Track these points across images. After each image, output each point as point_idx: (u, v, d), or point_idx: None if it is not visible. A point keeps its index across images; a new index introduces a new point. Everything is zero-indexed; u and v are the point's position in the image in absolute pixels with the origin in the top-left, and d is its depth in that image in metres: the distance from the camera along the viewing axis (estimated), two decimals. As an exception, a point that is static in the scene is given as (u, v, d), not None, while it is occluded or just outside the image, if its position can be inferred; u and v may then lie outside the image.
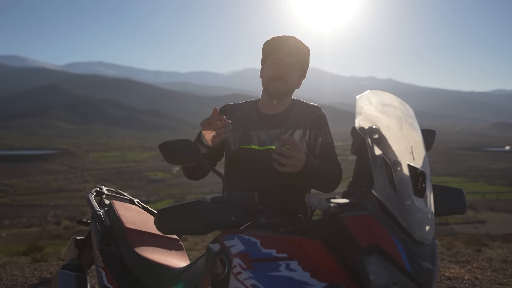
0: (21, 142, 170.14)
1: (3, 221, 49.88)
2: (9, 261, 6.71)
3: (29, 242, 10.40)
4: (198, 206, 1.53)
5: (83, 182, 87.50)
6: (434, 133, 1.85)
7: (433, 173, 26.56)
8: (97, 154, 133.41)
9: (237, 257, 1.45)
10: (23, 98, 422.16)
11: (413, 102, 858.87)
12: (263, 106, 2.35)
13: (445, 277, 5.07)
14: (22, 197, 72.12)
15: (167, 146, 1.75)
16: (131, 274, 2.27)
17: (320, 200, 1.31)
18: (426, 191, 1.39)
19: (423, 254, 1.29)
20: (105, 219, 2.51)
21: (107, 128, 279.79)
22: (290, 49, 2.22)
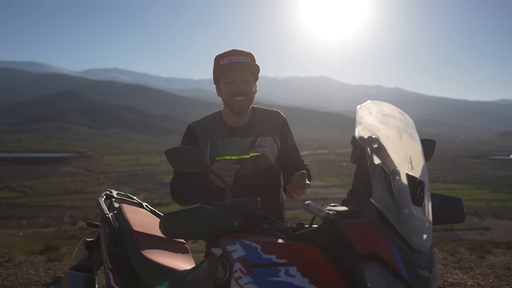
0: (40, 145, 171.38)
1: (22, 221, 50.24)
2: (25, 260, 6.75)
3: (45, 242, 10.45)
4: (202, 211, 1.54)
5: (99, 184, 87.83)
6: (434, 143, 1.86)
7: (439, 180, 26.35)
8: (112, 157, 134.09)
9: (238, 262, 1.44)
10: (42, 103, 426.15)
11: (420, 110, 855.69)
12: (228, 119, 2.43)
13: (448, 283, 5.02)
14: (40, 198, 72.60)
15: (173, 152, 1.76)
16: (138, 276, 2.27)
17: (319, 208, 1.31)
18: (425, 200, 1.39)
19: (420, 262, 1.28)
20: (113, 222, 2.51)
21: (122, 132, 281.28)
22: (238, 65, 2.28)
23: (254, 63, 2.35)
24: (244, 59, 2.31)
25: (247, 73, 2.34)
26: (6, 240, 12.39)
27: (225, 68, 2.31)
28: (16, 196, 74.98)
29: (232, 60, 2.30)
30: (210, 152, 2.37)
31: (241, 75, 2.31)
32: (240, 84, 2.32)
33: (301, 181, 2.14)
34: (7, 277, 5.46)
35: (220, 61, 2.34)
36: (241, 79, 2.31)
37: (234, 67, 2.29)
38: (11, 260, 6.66)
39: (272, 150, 2.42)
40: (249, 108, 2.41)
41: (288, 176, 2.42)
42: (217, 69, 2.36)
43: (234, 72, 2.31)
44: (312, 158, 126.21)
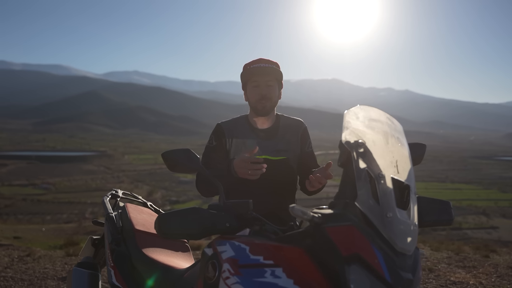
0: (63, 144, 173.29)
1: (46, 216, 50.72)
2: (44, 255, 6.81)
3: (66, 237, 10.53)
4: (195, 212, 1.53)
5: (119, 182, 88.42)
6: (425, 147, 1.83)
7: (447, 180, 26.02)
8: (131, 156, 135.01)
9: (226, 262, 1.44)
10: (65, 104, 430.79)
11: (429, 112, 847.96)
12: (254, 122, 2.51)
13: (450, 282, 4.95)
14: (63, 195, 73.29)
15: (169, 155, 1.75)
16: (138, 273, 2.27)
17: (303, 210, 1.30)
18: (410, 203, 1.37)
19: (403, 264, 1.27)
20: (117, 221, 2.51)
21: (141, 132, 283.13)
22: (264, 70, 2.37)
23: (274, 64, 2.44)
24: (269, 66, 2.41)
25: (271, 78, 2.42)
26: (29, 235, 12.49)
27: (251, 72, 2.40)
28: (40, 192, 75.76)
29: (258, 66, 2.40)
30: (235, 150, 2.44)
31: (265, 80, 2.40)
32: (264, 88, 2.40)
33: (326, 171, 2.17)
34: (25, 271, 5.51)
35: (248, 67, 2.44)
36: (265, 84, 2.40)
37: (259, 71, 2.39)
38: (31, 254, 6.72)
39: (294, 155, 2.50)
40: (272, 111, 2.48)
41: (304, 179, 2.47)
42: (244, 74, 2.45)
43: (259, 76, 2.39)
44: (324, 158, 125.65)
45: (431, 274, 5.28)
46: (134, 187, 78.05)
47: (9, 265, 5.89)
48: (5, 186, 79.73)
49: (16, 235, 11.35)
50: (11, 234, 11.60)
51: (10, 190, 74.85)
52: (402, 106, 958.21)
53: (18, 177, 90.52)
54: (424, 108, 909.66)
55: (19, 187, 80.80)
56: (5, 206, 59.68)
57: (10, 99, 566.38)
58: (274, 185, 2.36)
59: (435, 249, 7.13)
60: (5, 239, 9.87)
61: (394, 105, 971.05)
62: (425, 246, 7.51)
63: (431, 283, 4.92)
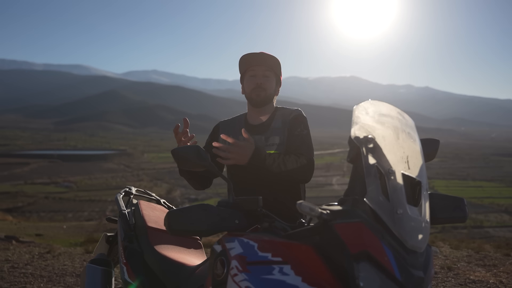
0: (84, 143, 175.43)
1: (67, 214, 51.50)
2: (64, 252, 6.91)
3: (86, 234, 10.67)
4: (204, 209, 1.53)
5: (138, 180, 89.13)
6: (438, 143, 1.79)
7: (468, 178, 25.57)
8: (151, 155, 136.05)
9: (235, 259, 1.43)
10: (86, 104, 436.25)
11: (450, 109, 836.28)
12: (251, 117, 2.47)
13: (470, 280, 4.86)
14: (84, 193, 74.17)
15: (178, 152, 1.75)
16: (150, 270, 2.27)
17: (311, 207, 1.28)
18: (421, 200, 1.35)
19: (414, 262, 1.25)
20: (130, 218, 2.52)
21: (160, 131, 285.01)
22: (262, 59, 2.33)
23: (274, 57, 2.39)
24: (267, 54, 2.38)
25: (269, 69, 2.39)
26: (50, 232, 12.69)
27: (249, 60, 2.38)
28: (62, 191, 76.79)
29: (256, 55, 2.38)
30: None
31: (262, 70, 2.37)
32: (261, 77, 2.37)
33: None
34: (45, 268, 5.60)
35: (247, 55, 2.41)
36: (262, 74, 2.37)
37: (257, 59, 2.37)
38: (51, 251, 6.83)
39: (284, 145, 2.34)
40: (268, 103, 2.42)
41: None
42: (242, 63, 2.43)
43: (257, 66, 2.37)
44: (342, 156, 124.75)
45: (450, 273, 5.20)
46: (154, 185, 78.71)
47: (29, 261, 5.99)
48: (28, 184, 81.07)
49: (38, 233, 11.55)
50: (33, 232, 11.81)
51: (33, 189, 76.11)
52: (422, 103, 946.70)
53: (41, 175, 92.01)
54: (445, 105, 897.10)
55: (42, 185, 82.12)
56: (28, 204, 60.75)
57: (32, 99, 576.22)
58: (269, 180, 2.23)
59: (455, 248, 7.02)
60: (27, 236, 10.04)
61: (414, 102, 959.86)
62: (444, 244, 7.40)
63: (450, 282, 4.85)
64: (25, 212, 47.62)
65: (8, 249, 7.00)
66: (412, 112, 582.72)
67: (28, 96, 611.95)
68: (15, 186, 77.95)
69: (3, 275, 5.19)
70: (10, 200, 62.61)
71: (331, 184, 79.50)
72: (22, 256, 6.39)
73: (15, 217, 21.83)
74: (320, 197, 56.99)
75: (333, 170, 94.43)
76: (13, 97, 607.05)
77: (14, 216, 23.69)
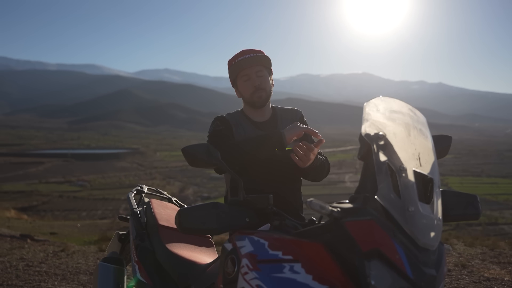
0: (97, 142, 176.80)
1: (81, 213, 51.91)
2: (78, 250, 6.97)
3: (100, 233, 10.76)
4: (214, 207, 1.53)
5: (151, 178, 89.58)
6: (450, 139, 1.77)
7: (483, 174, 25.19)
8: (163, 153, 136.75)
9: (245, 257, 1.43)
10: (99, 103, 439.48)
11: (463, 105, 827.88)
12: (252, 115, 2.43)
13: (484, 278, 4.81)
14: (97, 191, 74.70)
15: (189, 150, 1.76)
16: (162, 268, 2.28)
17: (322, 205, 1.26)
18: (433, 197, 1.33)
19: (426, 260, 1.23)
20: (141, 216, 2.53)
21: (172, 129, 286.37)
22: (251, 60, 2.29)
23: (261, 54, 2.35)
24: (255, 55, 2.33)
25: (261, 68, 2.35)
26: (65, 231, 12.81)
27: (238, 66, 2.32)
28: (76, 189, 77.44)
29: (243, 58, 2.32)
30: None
31: (255, 70, 2.32)
32: (256, 79, 2.33)
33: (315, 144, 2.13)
34: (59, 266, 5.66)
35: (233, 62, 2.36)
36: (256, 75, 2.33)
37: (246, 63, 2.31)
38: (65, 249, 6.90)
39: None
40: (268, 101, 2.41)
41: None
42: (231, 70, 2.38)
43: (248, 68, 2.31)
44: (355, 153, 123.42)
45: (464, 270, 5.15)
46: (166, 184, 79.09)
47: (43, 260, 6.06)
48: (42, 183, 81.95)
49: (53, 231, 11.68)
50: (48, 230, 11.93)
51: (47, 187, 76.95)
52: (435, 99, 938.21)
53: (55, 174, 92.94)
54: (459, 101, 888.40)
55: (56, 184, 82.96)
56: (42, 203, 61.36)
57: (46, 99, 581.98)
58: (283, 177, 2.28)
59: (469, 245, 6.95)
60: (42, 234, 10.16)
61: (427, 98, 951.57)
62: (458, 241, 7.33)
63: (464, 279, 4.80)
64: (40, 211, 48.07)
65: (23, 248, 7.09)
66: (425, 109, 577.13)
67: (42, 96, 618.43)
68: (29, 185, 78.80)
69: (18, 273, 5.25)
70: (25, 199, 63.29)
71: (344, 182, 79.18)
72: (36, 255, 6.47)
73: (30, 216, 22.06)
74: (333, 194, 56.84)
75: (346, 168, 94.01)
76: (27, 97, 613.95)
77: (29, 215, 23.95)
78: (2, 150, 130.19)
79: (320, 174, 2.34)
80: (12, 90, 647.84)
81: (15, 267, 5.53)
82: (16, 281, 4.92)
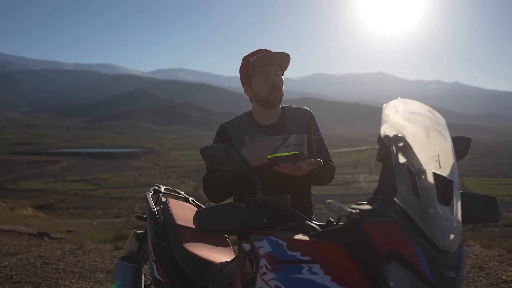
0: (113, 141, 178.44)
1: (97, 211, 52.37)
2: (94, 248, 7.05)
3: (115, 231, 10.87)
4: (233, 208, 1.55)
5: (166, 177, 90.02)
6: (470, 141, 1.75)
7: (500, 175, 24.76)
8: (178, 152, 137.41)
9: (264, 258, 1.44)
10: (114, 102, 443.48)
11: (480, 105, 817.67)
12: (259, 117, 2.37)
13: (502, 280, 4.75)
14: (113, 190, 75.33)
15: (207, 151, 1.77)
16: (179, 267, 2.30)
17: (341, 206, 1.26)
18: (453, 199, 1.33)
19: (446, 262, 1.22)
20: (159, 216, 2.56)
21: (187, 129, 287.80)
22: (273, 57, 2.24)
23: (286, 53, 2.29)
24: (277, 52, 2.28)
25: (278, 68, 2.30)
26: (81, 229, 12.97)
27: (258, 62, 2.26)
28: (92, 188, 78.21)
29: (265, 54, 2.26)
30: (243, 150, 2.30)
31: (274, 69, 2.28)
32: (274, 77, 2.27)
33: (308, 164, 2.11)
34: (76, 264, 5.72)
35: (251, 59, 2.30)
36: (274, 73, 2.28)
37: (267, 60, 2.25)
38: (82, 247, 6.98)
39: (305, 147, 2.37)
40: (280, 103, 2.36)
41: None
42: (250, 67, 2.29)
43: (268, 66, 2.26)
44: (369, 153, 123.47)
45: (481, 272, 5.09)
46: (181, 183, 79.39)
47: (61, 257, 6.13)
48: (59, 182, 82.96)
49: (69, 229, 11.83)
50: (64, 228, 12.09)
51: (63, 186, 77.92)
52: (451, 99, 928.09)
53: (71, 173, 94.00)
54: (475, 100, 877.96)
55: (72, 182, 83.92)
56: (59, 201, 62.14)
57: (63, 98, 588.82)
58: (291, 182, 2.22)
59: (486, 247, 6.87)
60: (59, 232, 10.29)
61: (443, 98, 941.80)
62: (475, 243, 7.25)
63: (481, 282, 4.75)
64: (56, 209, 48.68)
65: (41, 245, 7.19)
66: (442, 108, 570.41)
67: (58, 96, 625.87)
68: (46, 183, 79.85)
69: (36, 270, 5.33)
70: (42, 197, 64.14)
71: (358, 182, 78.78)
72: (54, 252, 6.55)
73: (46, 214, 22.34)
74: (347, 194, 56.58)
75: (360, 168, 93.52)
76: (44, 96, 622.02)
77: (46, 213, 24.26)
78: (20, 149, 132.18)
79: (319, 182, 2.33)
80: (29, 89, 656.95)
81: (33, 265, 5.61)
82: (34, 278, 5.00)
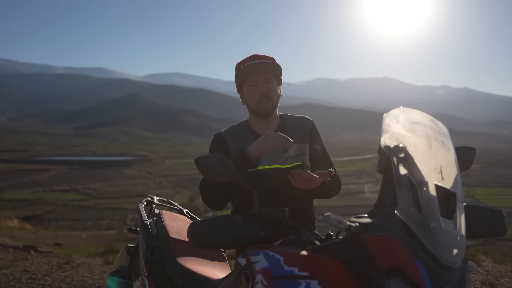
0: (104, 148, 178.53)
1: (87, 223, 52.20)
2: (83, 262, 7.01)
3: (106, 244, 10.85)
4: (228, 220, 1.55)
5: (160, 187, 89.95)
6: (474, 151, 1.75)
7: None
8: (173, 161, 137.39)
9: (260, 273, 1.43)
10: (107, 107, 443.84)
11: (490, 111, 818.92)
12: (256, 127, 2.38)
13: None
14: (104, 200, 75.15)
15: (202, 161, 1.77)
16: (172, 283, 2.28)
17: (339, 219, 1.25)
18: (456, 212, 1.32)
19: (449, 278, 1.22)
20: (152, 229, 2.54)
21: (183, 136, 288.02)
22: (260, 66, 2.25)
23: (271, 61, 2.32)
24: (265, 61, 2.30)
25: (270, 75, 2.31)
26: (69, 242, 12.94)
27: (246, 70, 2.29)
28: (82, 198, 78.02)
29: (253, 63, 2.28)
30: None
31: (263, 77, 2.29)
32: (263, 86, 2.28)
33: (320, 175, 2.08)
34: (63, 279, 5.68)
35: (241, 66, 2.33)
36: (263, 81, 2.29)
37: (255, 69, 2.27)
38: (70, 262, 6.95)
39: (307, 157, 2.38)
40: (274, 111, 2.36)
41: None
42: (239, 74, 2.34)
43: (257, 74, 2.28)
44: (375, 161, 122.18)
45: (493, 289, 5.06)
46: (176, 193, 79.32)
47: (47, 272, 6.09)
48: (47, 191, 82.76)
49: (57, 242, 11.79)
50: (52, 241, 12.05)
51: (52, 196, 77.63)
52: (460, 105, 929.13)
53: (60, 182, 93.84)
54: (485, 107, 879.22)
55: (61, 192, 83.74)
56: (47, 212, 61.96)
57: (53, 103, 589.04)
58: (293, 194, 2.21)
59: (498, 262, 6.84)
60: (46, 245, 10.25)
61: (451, 104, 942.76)
62: (487, 258, 7.22)
63: (493, 299, 4.72)
64: (44, 221, 48.48)
65: (27, 259, 7.15)
66: (450, 115, 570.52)
67: (48, 100, 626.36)
68: (33, 193, 79.66)
69: (21, 286, 5.29)
70: (29, 207, 63.94)
71: (363, 192, 78.66)
72: (40, 267, 6.51)
73: (33, 226, 22.26)
74: (351, 205, 56.36)
75: (365, 177, 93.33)
76: (33, 101, 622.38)
77: (33, 225, 24.18)
78: (6, 157, 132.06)
79: (326, 195, 2.33)
80: (17, 94, 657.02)
81: (18, 280, 5.57)
82: (20, 294, 4.96)
